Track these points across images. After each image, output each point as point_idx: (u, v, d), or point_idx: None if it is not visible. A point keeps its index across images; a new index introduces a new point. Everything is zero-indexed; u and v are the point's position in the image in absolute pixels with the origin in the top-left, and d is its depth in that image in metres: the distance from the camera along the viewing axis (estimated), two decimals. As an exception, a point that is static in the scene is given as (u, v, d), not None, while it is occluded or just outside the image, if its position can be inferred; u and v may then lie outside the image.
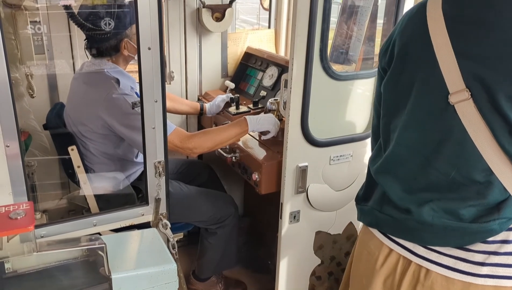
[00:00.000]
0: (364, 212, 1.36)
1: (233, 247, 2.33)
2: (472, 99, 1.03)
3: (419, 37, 1.13)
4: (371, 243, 1.33)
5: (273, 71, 2.60)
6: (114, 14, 1.88)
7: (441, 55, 1.06)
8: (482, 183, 1.07)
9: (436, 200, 1.14)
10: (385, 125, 1.27)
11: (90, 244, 1.27)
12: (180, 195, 2.13)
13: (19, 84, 2.06)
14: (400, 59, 1.18)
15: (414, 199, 1.18)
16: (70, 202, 2.11)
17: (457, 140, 1.07)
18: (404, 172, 1.20)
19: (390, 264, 1.27)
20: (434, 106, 1.10)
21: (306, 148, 1.78)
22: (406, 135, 1.18)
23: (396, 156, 1.22)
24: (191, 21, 2.58)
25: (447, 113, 1.07)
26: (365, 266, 1.35)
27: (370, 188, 1.36)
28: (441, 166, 1.12)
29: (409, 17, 1.20)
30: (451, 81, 1.05)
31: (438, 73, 1.07)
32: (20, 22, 2.03)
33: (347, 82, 1.92)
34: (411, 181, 1.19)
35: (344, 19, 2.00)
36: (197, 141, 1.94)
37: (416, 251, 1.21)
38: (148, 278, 1.29)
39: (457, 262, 1.14)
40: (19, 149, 1.31)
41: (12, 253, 1.19)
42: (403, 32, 1.19)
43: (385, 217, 1.26)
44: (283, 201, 1.83)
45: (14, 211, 1.14)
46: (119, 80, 1.91)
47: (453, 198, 1.12)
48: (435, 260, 1.17)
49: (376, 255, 1.30)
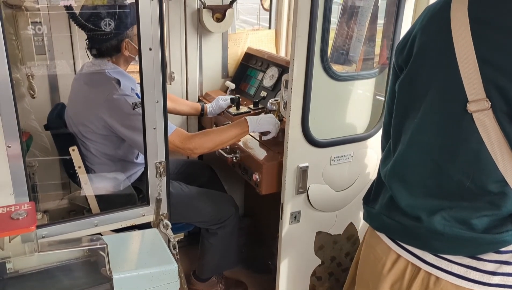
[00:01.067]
0: (371, 215, 1.33)
1: (233, 248, 2.33)
2: (491, 110, 0.98)
3: (441, 38, 1.07)
4: (378, 248, 1.30)
5: (273, 71, 2.60)
6: (114, 14, 1.88)
7: (463, 60, 1.01)
8: (496, 193, 1.04)
9: (447, 208, 1.11)
10: (396, 125, 1.23)
11: (92, 244, 1.28)
12: (181, 195, 2.14)
13: (20, 85, 2.07)
14: (418, 59, 1.13)
15: (424, 207, 1.14)
16: (71, 202, 2.11)
17: (473, 149, 1.04)
18: (414, 177, 1.16)
19: (398, 270, 1.24)
20: (450, 112, 1.06)
21: (307, 149, 1.79)
22: (418, 138, 1.14)
23: (405, 159, 1.18)
24: (192, 21, 2.58)
25: (464, 121, 1.03)
26: (372, 270, 1.33)
27: (378, 189, 1.32)
28: (454, 174, 1.08)
29: (431, 14, 1.13)
30: (471, 88, 1.00)
31: (458, 78, 1.02)
32: (21, 22, 2.03)
33: (348, 83, 1.92)
34: (421, 188, 1.15)
35: (344, 20, 2.00)
36: (197, 141, 1.94)
37: (426, 259, 1.18)
38: (149, 278, 1.29)
39: (468, 271, 1.12)
40: (20, 150, 1.31)
41: (13, 253, 1.19)
42: (424, 29, 1.12)
43: (393, 223, 1.23)
44: (284, 202, 1.83)
45: (16, 211, 1.15)
46: (119, 80, 1.91)
47: (465, 207, 1.09)
48: (445, 268, 1.15)
49: (383, 260, 1.27)
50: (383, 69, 1.96)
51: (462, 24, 1.01)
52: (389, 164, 1.23)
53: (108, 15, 1.87)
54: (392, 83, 1.29)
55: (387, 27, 1.91)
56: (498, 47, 0.98)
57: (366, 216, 1.37)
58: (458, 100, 1.03)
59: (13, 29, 2.01)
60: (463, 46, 1.01)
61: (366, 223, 1.40)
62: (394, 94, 1.25)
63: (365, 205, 1.38)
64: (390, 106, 1.29)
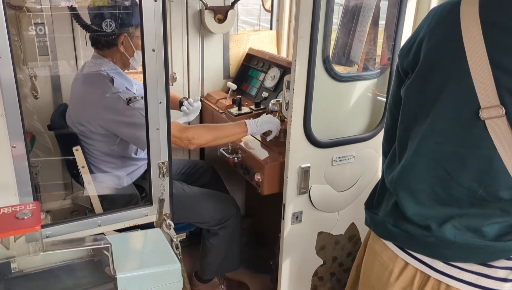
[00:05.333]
0: (375, 222, 1.29)
1: (235, 248, 2.34)
2: (506, 117, 0.95)
3: (451, 42, 1.03)
4: (384, 255, 1.26)
5: (275, 72, 2.61)
6: (115, 6, 1.88)
7: (475, 65, 0.97)
8: (507, 200, 1.03)
9: (457, 216, 1.08)
10: (403, 131, 1.18)
11: (96, 244, 1.28)
12: (183, 195, 2.14)
13: (22, 85, 2.07)
14: (427, 63, 1.09)
15: (433, 216, 1.12)
16: (73, 202, 2.12)
17: (485, 156, 1.01)
18: (421, 185, 1.13)
19: (406, 278, 1.22)
20: (462, 118, 1.02)
21: (309, 149, 1.79)
22: (426, 146, 1.10)
23: (413, 167, 1.14)
24: (194, 22, 2.59)
25: (476, 128, 1.00)
26: (378, 277, 1.30)
27: (382, 195, 1.29)
28: (465, 182, 1.05)
29: (439, 18, 1.09)
30: (484, 95, 0.96)
31: (470, 84, 0.98)
32: (24, 23, 2.04)
33: (349, 84, 1.93)
34: (429, 196, 1.12)
35: (346, 21, 2.01)
36: (196, 131, 1.94)
37: (436, 266, 1.16)
38: (152, 277, 1.30)
39: (479, 278, 1.10)
40: (25, 150, 1.32)
41: (18, 253, 1.20)
42: (432, 32, 1.08)
43: (399, 231, 1.19)
44: (286, 202, 1.84)
45: (21, 211, 1.16)
46: (113, 79, 1.91)
47: (475, 215, 1.07)
48: (456, 276, 1.12)
49: (390, 267, 1.24)
50: (385, 70, 1.97)
51: (474, 29, 0.98)
52: (395, 172, 1.19)
53: (109, 13, 1.87)
54: (395, 87, 1.26)
55: (388, 28, 1.92)
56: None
57: (369, 222, 1.33)
58: (470, 106, 1.00)
59: (15, 30, 2.02)
60: (475, 51, 0.97)
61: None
62: (397, 98, 1.22)
63: (367, 210, 1.34)
64: (393, 110, 1.27)
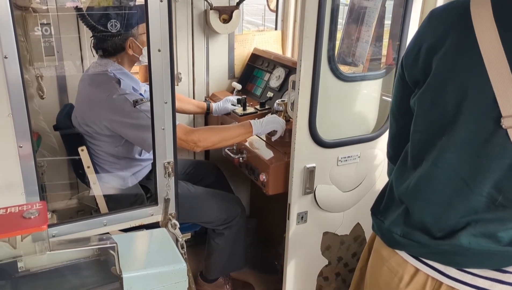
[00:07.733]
0: (382, 230, 1.26)
1: (240, 248, 2.34)
2: None
3: (466, 48, 1.00)
4: (393, 260, 1.24)
5: (280, 72, 2.61)
6: (120, 13, 1.89)
7: (494, 72, 0.94)
8: None
9: (473, 223, 1.07)
10: (417, 142, 1.15)
11: (102, 244, 1.29)
12: (188, 195, 2.14)
13: (29, 86, 2.08)
14: (441, 72, 1.05)
15: (449, 224, 1.10)
16: (79, 202, 2.13)
17: (506, 164, 0.99)
18: (439, 196, 1.11)
19: (417, 285, 1.19)
20: (482, 128, 1.00)
21: (314, 149, 1.79)
22: (445, 156, 1.07)
23: (431, 178, 1.11)
24: (199, 22, 2.59)
25: (497, 137, 0.98)
26: (386, 283, 1.27)
27: (389, 203, 1.27)
28: (485, 190, 1.04)
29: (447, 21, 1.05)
30: (506, 102, 0.94)
31: (489, 91, 0.96)
32: (30, 24, 2.05)
33: (355, 83, 1.93)
34: (446, 206, 1.10)
35: (351, 21, 2.00)
36: (201, 134, 1.94)
37: (448, 273, 1.14)
38: (158, 277, 1.30)
39: (494, 284, 1.08)
40: (31, 150, 1.33)
41: (25, 252, 1.20)
42: (441, 39, 1.04)
43: (408, 241, 1.17)
44: (291, 202, 1.84)
45: (28, 210, 1.16)
46: (120, 80, 1.92)
47: (491, 220, 1.06)
48: (470, 282, 1.11)
49: (400, 273, 1.22)
50: (390, 70, 1.96)
51: (490, 33, 0.94)
52: (409, 183, 1.16)
53: (114, 14, 1.88)
54: (398, 94, 1.23)
55: (394, 28, 1.91)
56: None
57: (376, 228, 1.31)
58: (490, 115, 0.97)
59: (22, 31, 2.03)
60: (493, 57, 0.94)
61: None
62: (402, 105, 1.20)
63: (373, 216, 1.32)
64: (398, 117, 1.24)
